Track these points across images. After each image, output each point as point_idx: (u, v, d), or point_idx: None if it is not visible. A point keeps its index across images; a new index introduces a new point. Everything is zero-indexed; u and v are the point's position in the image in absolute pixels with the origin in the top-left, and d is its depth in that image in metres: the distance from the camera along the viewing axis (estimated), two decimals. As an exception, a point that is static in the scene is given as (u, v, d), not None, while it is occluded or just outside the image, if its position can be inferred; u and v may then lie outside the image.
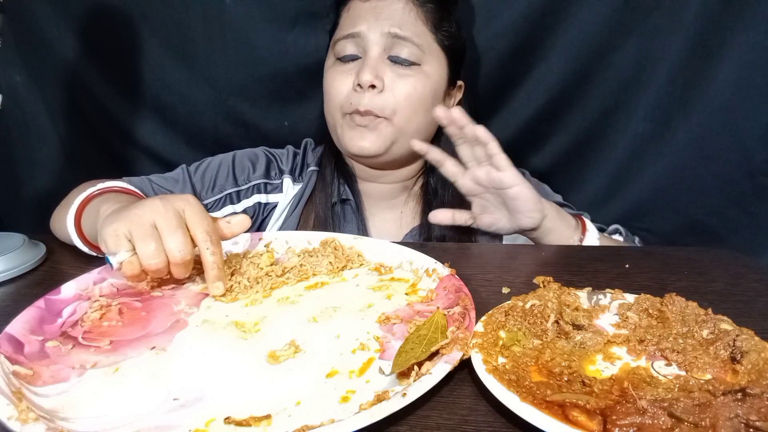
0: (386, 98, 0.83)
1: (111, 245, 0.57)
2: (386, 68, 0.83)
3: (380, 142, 0.84)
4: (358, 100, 0.82)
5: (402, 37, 0.82)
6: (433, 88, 0.85)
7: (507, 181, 0.75)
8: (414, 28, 0.83)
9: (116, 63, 1.03)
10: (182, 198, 0.60)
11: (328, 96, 0.87)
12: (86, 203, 0.72)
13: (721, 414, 0.38)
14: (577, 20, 0.92)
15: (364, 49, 0.84)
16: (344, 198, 0.93)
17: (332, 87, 0.86)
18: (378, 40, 0.82)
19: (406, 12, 0.83)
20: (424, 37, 0.84)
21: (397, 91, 0.83)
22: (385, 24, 0.82)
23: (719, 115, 0.92)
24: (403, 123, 0.84)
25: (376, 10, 0.83)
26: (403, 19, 0.82)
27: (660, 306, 0.55)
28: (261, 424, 0.41)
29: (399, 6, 0.83)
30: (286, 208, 0.94)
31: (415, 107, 0.84)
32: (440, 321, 0.52)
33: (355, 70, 0.84)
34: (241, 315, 0.58)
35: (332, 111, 0.87)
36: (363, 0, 0.84)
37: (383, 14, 0.83)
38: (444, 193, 0.91)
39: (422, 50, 0.83)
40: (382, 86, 0.82)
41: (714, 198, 0.97)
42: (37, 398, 0.44)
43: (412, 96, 0.83)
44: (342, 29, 0.86)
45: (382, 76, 0.82)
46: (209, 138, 1.08)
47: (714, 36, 0.89)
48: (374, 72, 0.82)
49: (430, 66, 0.85)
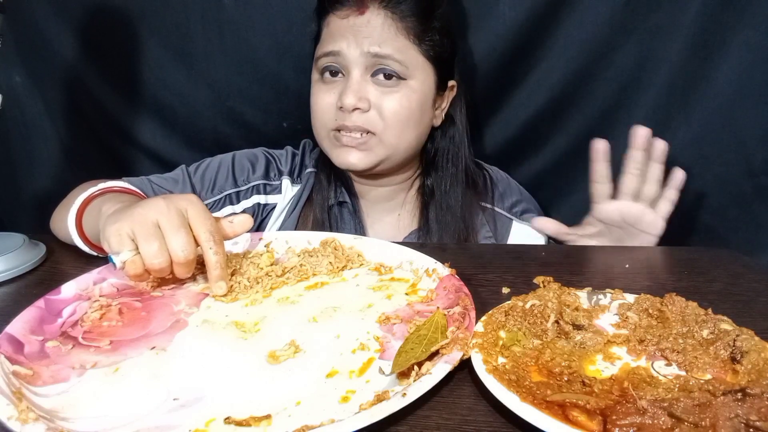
0: (372, 117, 0.81)
1: (114, 244, 0.57)
2: (369, 87, 0.81)
3: (369, 159, 0.84)
4: (343, 119, 0.82)
5: (383, 56, 0.79)
6: (420, 100, 0.83)
7: (658, 226, 0.80)
8: (395, 44, 0.80)
9: (116, 63, 1.03)
10: (185, 197, 0.60)
11: (314, 113, 0.86)
12: (87, 203, 0.72)
13: (721, 414, 0.38)
14: (577, 20, 0.92)
15: (346, 68, 0.81)
16: (341, 201, 0.93)
17: (316, 105, 0.85)
18: (358, 59, 0.80)
19: (386, 28, 0.79)
20: (407, 52, 0.81)
21: (383, 109, 0.81)
22: (364, 42, 0.79)
23: (719, 115, 0.92)
24: (393, 140, 0.83)
25: (354, 28, 0.80)
26: (383, 36, 0.79)
27: (660, 306, 0.55)
28: (261, 424, 0.41)
29: (378, 22, 0.79)
30: (285, 209, 0.94)
31: (404, 123, 0.83)
32: (440, 321, 0.52)
33: (338, 88, 0.82)
34: (241, 315, 0.58)
35: (319, 128, 0.87)
36: (341, 17, 0.81)
37: (362, 32, 0.79)
38: (441, 193, 0.91)
39: (405, 66, 0.80)
40: (367, 106, 0.81)
41: (714, 198, 0.97)
42: (37, 398, 0.44)
43: (400, 113, 0.82)
44: (322, 45, 0.84)
45: (366, 96, 0.81)
46: (208, 138, 1.08)
47: (714, 36, 0.89)
48: (357, 95, 0.80)
49: (416, 79, 0.82)
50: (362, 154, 0.84)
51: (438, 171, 0.92)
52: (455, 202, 0.91)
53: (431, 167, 0.92)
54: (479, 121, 1.05)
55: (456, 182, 0.91)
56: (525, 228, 0.95)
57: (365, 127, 0.82)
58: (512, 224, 0.96)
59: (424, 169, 0.93)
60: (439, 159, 0.92)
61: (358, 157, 0.84)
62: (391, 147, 0.84)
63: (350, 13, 0.80)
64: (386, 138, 0.83)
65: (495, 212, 0.95)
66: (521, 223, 0.96)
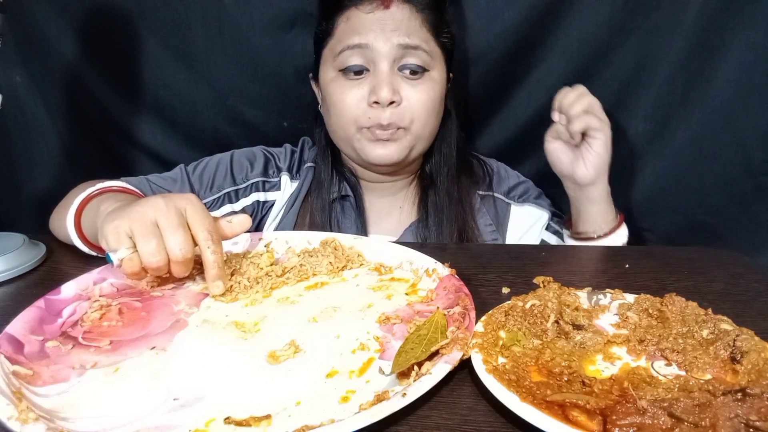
0: (404, 110, 0.82)
1: (112, 242, 0.57)
2: (399, 80, 0.82)
3: (401, 150, 0.84)
4: (377, 115, 0.81)
5: (413, 46, 0.81)
6: (441, 91, 0.86)
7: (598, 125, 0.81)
8: (421, 35, 0.82)
9: (116, 63, 1.03)
10: (184, 197, 0.60)
11: (340, 111, 0.84)
12: (86, 203, 0.72)
13: (721, 414, 0.38)
14: (577, 20, 0.92)
15: (373, 61, 0.81)
16: (344, 194, 0.93)
17: (344, 103, 0.83)
18: (388, 52, 0.80)
19: (412, 20, 0.81)
20: (430, 43, 0.83)
21: (413, 101, 0.82)
22: (393, 35, 0.80)
23: (719, 114, 0.92)
24: (419, 130, 0.84)
25: (381, 21, 0.81)
26: (410, 28, 0.81)
27: (660, 306, 0.55)
28: (261, 424, 0.41)
29: (404, 14, 0.81)
30: (284, 205, 0.94)
31: (430, 113, 0.84)
32: (440, 321, 0.52)
33: (366, 83, 0.82)
34: (241, 315, 0.58)
35: (345, 125, 0.85)
36: (365, 11, 0.81)
37: (389, 25, 0.80)
38: (438, 178, 0.92)
39: (431, 56, 0.83)
40: (400, 100, 0.81)
41: (714, 198, 0.97)
42: (37, 398, 0.44)
43: (427, 104, 0.83)
44: (342, 40, 0.83)
45: (398, 90, 0.81)
46: (209, 138, 1.08)
47: (714, 36, 0.89)
48: (391, 87, 0.80)
49: (436, 71, 0.84)
50: (395, 145, 0.84)
51: (435, 156, 0.93)
52: (452, 185, 0.92)
53: (429, 155, 0.93)
54: (479, 121, 1.05)
55: (453, 165, 0.92)
56: (524, 210, 0.97)
57: (397, 123, 0.82)
58: (511, 208, 0.97)
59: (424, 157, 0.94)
60: (436, 146, 0.93)
61: (392, 149, 0.84)
62: (416, 136, 0.85)
63: (375, 7, 0.81)
64: (414, 128, 0.84)
65: (494, 198, 0.97)
66: (520, 206, 0.97)
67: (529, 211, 0.97)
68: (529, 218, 0.96)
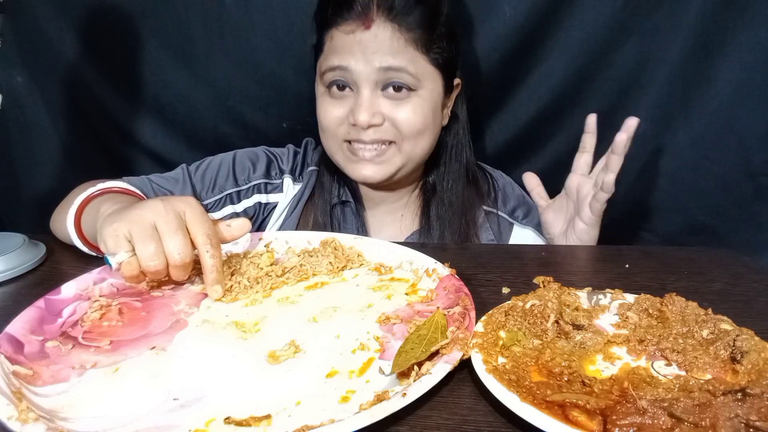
0: (387, 129, 0.81)
1: (111, 245, 0.57)
2: (381, 101, 0.80)
3: (385, 171, 0.83)
4: (357, 133, 0.81)
5: (395, 68, 0.78)
6: (431, 107, 0.83)
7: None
8: (406, 55, 0.78)
9: (116, 63, 1.03)
10: (183, 200, 0.60)
11: (324, 128, 0.85)
12: (86, 203, 0.72)
13: (721, 414, 0.38)
14: (577, 21, 0.92)
15: (355, 83, 0.80)
16: (344, 200, 0.93)
17: (326, 119, 0.84)
18: (369, 76, 0.78)
19: (395, 41, 0.77)
20: (417, 62, 0.79)
21: (397, 119, 0.80)
22: (374, 58, 0.77)
23: (719, 115, 0.92)
24: (410, 149, 0.83)
25: (362, 44, 0.77)
26: (392, 49, 0.77)
27: (660, 306, 0.55)
28: (261, 424, 0.41)
29: (386, 36, 0.77)
30: (286, 208, 0.94)
31: (419, 132, 0.82)
32: (440, 321, 0.52)
33: (348, 103, 0.81)
34: (241, 315, 0.58)
35: (329, 141, 0.86)
36: (345, 32, 0.78)
37: (370, 47, 0.77)
38: (442, 189, 0.91)
39: (417, 77, 0.79)
40: (381, 120, 0.80)
41: (714, 198, 0.97)
42: (37, 398, 0.44)
43: (415, 122, 0.81)
44: (327, 59, 0.81)
45: (379, 111, 0.80)
46: (209, 138, 1.08)
47: (714, 36, 0.89)
48: (370, 111, 0.79)
49: (426, 89, 0.81)
50: (378, 167, 0.83)
51: (440, 167, 0.92)
52: (456, 198, 0.91)
53: (433, 164, 0.92)
54: (480, 121, 1.05)
55: (458, 178, 0.91)
56: (525, 233, 0.96)
57: (382, 139, 0.81)
58: (513, 228, 0.96)
59: (427, 167, 0.93)
60: (442, 155, 0.92)
61: (374, 170, 0.83)
62: (407, 156, 0.84)
63: (355, 27, 0.77)
64: (404, 147, 0.83)
65: (498, 216, 0.96)
66: (522, 228, 0.96)
67: (529, 236, 0.96)
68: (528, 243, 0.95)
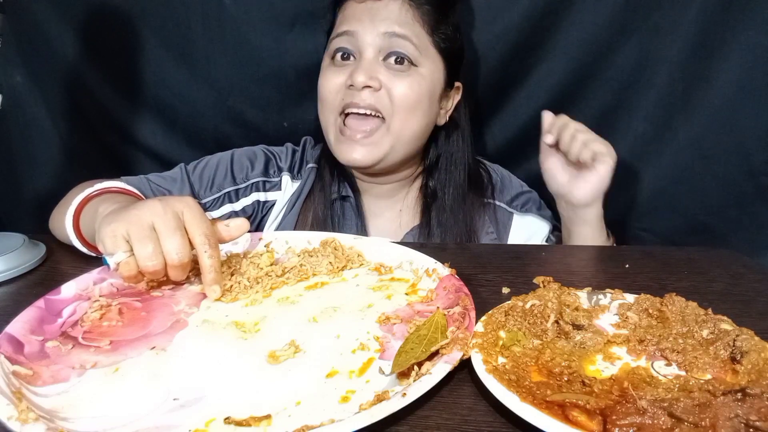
0: (382, 97, 0.82)
1: (109, 246, 0.57)
2: (381, 68, 0.82)
3: (373, 154, 0.84)
4: (352, 97, 0.81)
5: (400, 35, 0.81)
6: (429, 89, 0.84)
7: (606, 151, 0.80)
8: (412, 28, 0.81)
9: (116, 63, 1.03)
10: (181, 200, 0.60)
11: (321, 95, 0.86)
12: (85, 203, 0.72)
13: (721, 414, 0.38)
14: (577, 21, 0.92)
15: (359, 49, 0.82)
16: (344, 195, 0.93)
17: (324, 86, 0.85)
18: (373, 41, 0.81)
19: (403, 12, 0.81)
20: (421, 38, 0.82)
21: (393, 91, 0.81)
22: (381, 24, 0.81)
23: (720, 115, 0.92)
24: (399, 127, 0.83)
25: (372, 11, 0.82)
26: (400, 19, 0.81)
27: (660, 306, 0.55)
28: (261, 424, 0.41)
29: (396, 6, 0.81)
30: (285, 205, 0.94)
31: (412, 108, 0.83)
32: (440, 321, 0.52)
33: (349, 70, 0.83)
34: (241, 315, 0.58)
35: (325, 111, 0.86)
36: (358, 1, 0.83)
37: (379, 15, 0.81)
38: (443, 195, 0.91)
39: (419, 51, 0.82)
40: (378, 85, 0.81)
41: (714, 198, 0.97)
42: (37, 398, 0.44)
43: (409, 96, 0.82)
44: (336, 29, 0.85)
45: (377, 76, 0.81)
46: (209, 138, 1.08)
47: (714, 36, 0.89)
48: (368, 73, 0.80)
49: (426, 68, 0.83)
50: (366, 149, 0.83)
51: (441, 173, 0.92)
52: (457, 205, 0.91)
53: (434, 169, 0.92)
54: (480, 122, 1.05)
55: (458, 185, 0.91)
56: (526, 220, 0.96)
57: (375, 106, 0.82)
58: (513, 217, 0.96)
59: (428, 171, 0.93)
60: (442, 162, 0.92)
61: (363, 153, 0.83)
62: (395, 136, 0.83)
63: None
64: (393, 124, 0.83)
65: (496, 206, 0.96)
66: (522, 216, 0.96)
67: (531, 221, 0.96)
68: (530, 229, 0.96)
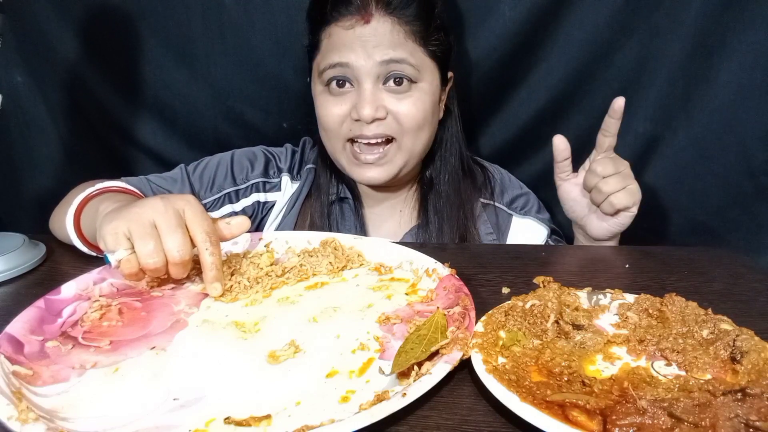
0: (390, 123, 0.81)
1: (110, 243, 0.57)
2: (383, 95, 0.80)
3: (388, 172, 0.84)
4: (360, 129, 0.81)
5: (397, 60, 0.78)
6: (432, 100, 0.84)
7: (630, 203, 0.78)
8: (406, 48, 0.79)
9: (116, 63, 1.03)
10: (183, 198, 0.60)
11: (325, 126, 0.85)
12: (85, 203, 0.72)
13: (721, 414, 0.38)
14: (577, 20, 0.92)
15: (357, 79, 0.80)
16: (342, 196, 0.93)
17: (327, 117, 0.83)
18: (371, 70, 0.78)
19: (395, 33, 0.78)
20: (417, 54, 0.80)
21: (400, 114, 0.81)
22: (375, 52, 0.78)
23: (720, 115, 0.92)
24: (410, 144, 0.83)
25: (362, 39, 0.78)
26: (393, 42, 0.78)
27: (660, 306, 0.55)
28: (261, 424, 0.41)
29: (386, 29, 0.78)
30: (285, 206, 0.94)
31: (420, 125, 0.83)
32: (440, 321, 0.52)
33: (349, 99, 0.81)
34: (241, 315, 0.58)
35: (332, 140, 0.85)
36: (345, 27, 0.78)
37: (371, 42, 0.78)
38: (439, 182, 0.91)
39: (417, 69, 0.80)
40: (384, 114, 0.80)
41: (714, 198, 0.97)
42: (37, 398, 0.44)
43: (416, 116, 0.81)
44: (326, 57, 0.81)
45: (382, 105, 0.80)
46: (209, 138, 1.08)
47: (715, 36, 0.89)
48: (373, 105, 0.79)
49: (425, 81, 0.82)
50: (381, 168, 0.83)
51: (436, 161, 0.92)
52: (453, 192, 0.91)
53: (429, 158, 0.93)
54: (479, 121, 1.05)
55: (454, 171, 0.92)
56: (525, 223, 0.96)
57: (385, 133, 0.81)
58: (512, 219, 0.96)
59: (424, 162, 0.93)
60: (437, 149, 0.92)
61: (378, 172, 0.83)
62: (408, 152, 0.84)
63: (354, 23, 0.78)
64: (404, 143, 0.83)
65: (495, 208, 0.96)
66: (521, 218, 0.96)
67: (530, 224, 0.96)
68: (529, 232, 0.95)
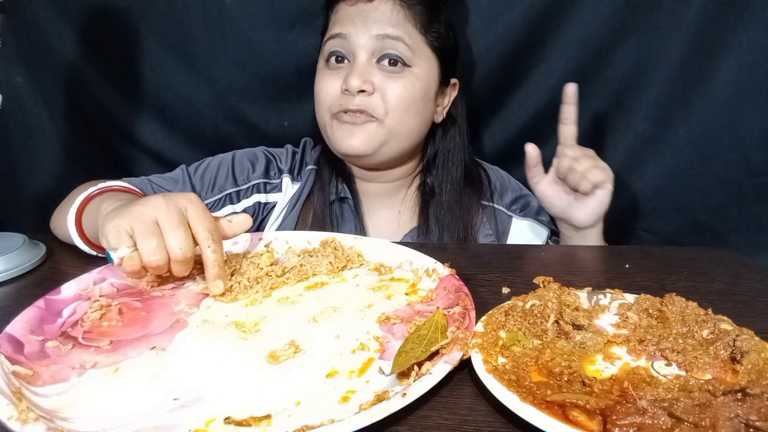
0: (375, 100, 0.82)
1: (112, 241, 0.57)
2: (375, 71, 0.82)
3: (369, 141, 0.84)
4: (347, 101, 0.82)
5: (392, 37, 0.81)
6: (424, 89, 0.85)
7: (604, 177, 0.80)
8: (404, 29, 0.82)
9: (116, 63, 1.03)
10: (185, 196, 0.60)
11: (318, 99, 0.87)
12: (87, 202, 0.72)
13: (721, 414, 0.38)
14: (577, 20, 0.92)
15: (352, 52, 0.83)
16: (342, 196, 0.93)
17: (321, 90, 0.86)
18: (366, 44, 0.82)
19: (395, 13, 0.82)
20: (414, 38, 0.82)
21: (387, 92, 0.82)
22: (373, 27, 0.81)
23: (719, 114, 0.92)
24: (394, 125, 0.83)
25: (363, 14, 0.82)
26: (392, 21, 0.81)
27: (660, 306, 0.55)
28: (261, 424, 0.41)
29: (387, 8, 0.82)
30: (285, 207, 0.94)
31: (407, 108, 0.83)
32: (440, 321, 0.52)
33: (344, 73, 0.83)
34: (241, 315, 0.58)
35: (322, 113, 0.87)
36: (350, 4, 0.83)
37: (371, 17, 0.82)
38: (441, 192, 0.91)
39: (412, 51, 0.82)
40: (371, 89, 0.81)
41: (714, 198, 0.97)
42: (37, 398, 0.44)
43: (403, 97, 0.83)
44: (329, 30, 0.86)
45: (371, 79, 0.82)
46: (209, 138, 1.08)
47: (714, 36, 0.89)
48: (362, 77, 0.81)
49: (420, 68, 0.84)
50: (362, 133, 0.83)
51: (438, 170, 0.92)
52: (455, 201, 0.91)
53: (432, 166, 0.93)
54: (479, 121, 1.05)
55: (456, 181, 0.92)
56: (525, 224, 0.96)
57: (368, 111, 0.82)
58: (512, 221, 0.96)
59: (425, 168, 0.94)
60: (439, 158, 0.92)
61: (360, 137, 0.83)
62: (389, 131, 0.84)
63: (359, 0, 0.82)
64: (387, 122, 0.83)
65: (495, 209, 0.96)
66: (521, 220, 0.96)
67: (530, 226, 0.96)
68: (529, 233, 0.96)
